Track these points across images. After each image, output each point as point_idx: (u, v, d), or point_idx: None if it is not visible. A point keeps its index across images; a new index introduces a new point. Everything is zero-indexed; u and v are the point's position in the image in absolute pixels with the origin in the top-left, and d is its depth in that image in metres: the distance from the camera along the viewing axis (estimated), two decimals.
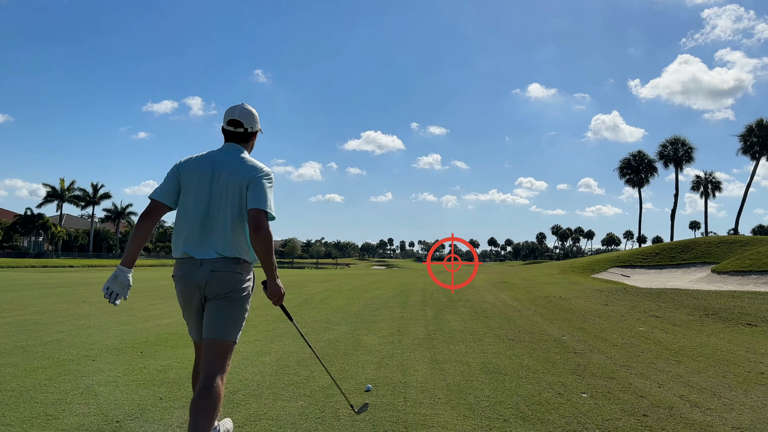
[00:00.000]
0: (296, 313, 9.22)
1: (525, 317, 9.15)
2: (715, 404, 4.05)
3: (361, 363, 5.32)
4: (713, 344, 6.64)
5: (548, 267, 33.23)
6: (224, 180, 2.80)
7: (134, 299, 11.99)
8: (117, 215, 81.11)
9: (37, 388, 4.21)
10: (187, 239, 2.81)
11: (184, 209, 2.85)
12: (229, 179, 2.79)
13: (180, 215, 2.88)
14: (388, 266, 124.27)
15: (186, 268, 2.83)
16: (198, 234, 2.80)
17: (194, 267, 2.79)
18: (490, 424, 3.52)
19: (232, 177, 2.79)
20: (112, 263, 59.95)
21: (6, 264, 44.72)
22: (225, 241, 2.77)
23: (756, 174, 55.06)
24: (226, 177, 2.80)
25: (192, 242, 2.80)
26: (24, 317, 8.55)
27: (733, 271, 18.54)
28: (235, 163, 2.84)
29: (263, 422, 3.51)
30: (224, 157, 2.88)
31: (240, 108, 2.99)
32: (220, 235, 2.77)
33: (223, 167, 2.83)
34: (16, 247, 70.34)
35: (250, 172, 2.80)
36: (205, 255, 2.77)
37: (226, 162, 2.85)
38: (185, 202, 2.85)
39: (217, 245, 2.77)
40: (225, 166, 2.83)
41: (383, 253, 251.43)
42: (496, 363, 5.39)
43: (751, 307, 10.11)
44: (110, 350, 5.83)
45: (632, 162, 61.80)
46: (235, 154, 2.91)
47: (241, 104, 3.01)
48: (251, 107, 3.03)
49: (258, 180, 2.77)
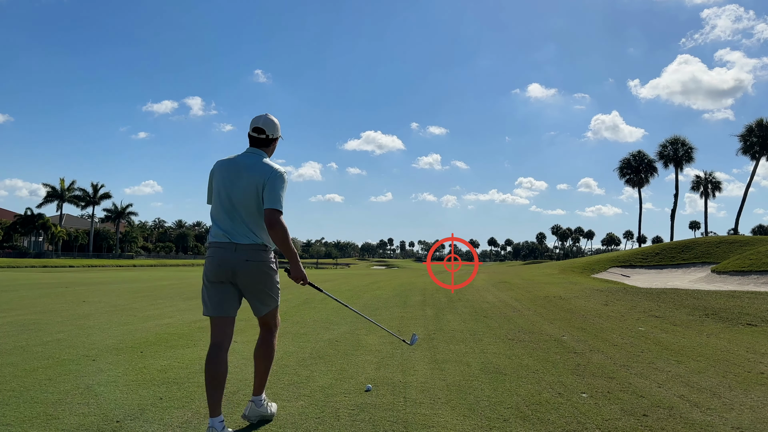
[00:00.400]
0: (296, 313, 9.22)
1: (525, 317, 9.15)
2: (715, 404, 4.05)
3: (361, 363, 5.32)
4: (713, 344, 6.64)
5: (548, 267, 33.24)
6: (245, 180, 3.29)
7: (134, 299, 12.00)
8: (117, 215, 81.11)
9: (37, 388, 4.21)
10: (218, 230, 3.35)
11: (215, 206, 3.41)
12: (249, 179, 3.28)
13: (213, 210, 3.43)
14: (388, 266, 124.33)
15: (221, 251, 3.31)
16: (228, 225, 3.32)
17: (229, 250, 3.29)
18: (490, 424, 3.52)
19: (251, 177, 3.28)
20: (112, 263, 59.95)
21: (6, 264, 44.72)
22: (249, 230, 3.30)
23: (756, 174, 55.04)
24: (246, 177, 3.29)
25: (224, 230, 3.32)
26: (24, 317, 8.55)
27: (733, 271, 18.55)
28: (254, 165, 3.34)
29: (263, 422, 3.51)
30: (247, 160, 3.38)
31: (264, 117, 3.47)
32: (244, 226, 3.30)
33: (244, 169, 3.33)
34: (16, 247, 70.34)
35: (265, 173, 3.28)
36: (238, 240, 3.29)
37: (247, 164, 3.34)
38: (216, 199, 3.40)
39: (245, 234, 3.30)
40: (246, 168, 3.33)
41: (383, 253, 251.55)
42: (496, 363, 5.39)
43: (751, 307, 10.11)
44: (110, 350, 5.83)
45: (632, 162, 61.82)
46: (256, 157, 3.40)
47: (265, 114, 3.49)
48: (273, 117, 3.51)
49: (272, 181, 3.25)
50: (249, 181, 3.27)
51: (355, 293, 14.20)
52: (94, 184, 76.23)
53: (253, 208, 3.28)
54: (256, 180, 3.26)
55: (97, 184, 76.33)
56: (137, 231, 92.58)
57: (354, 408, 3.81)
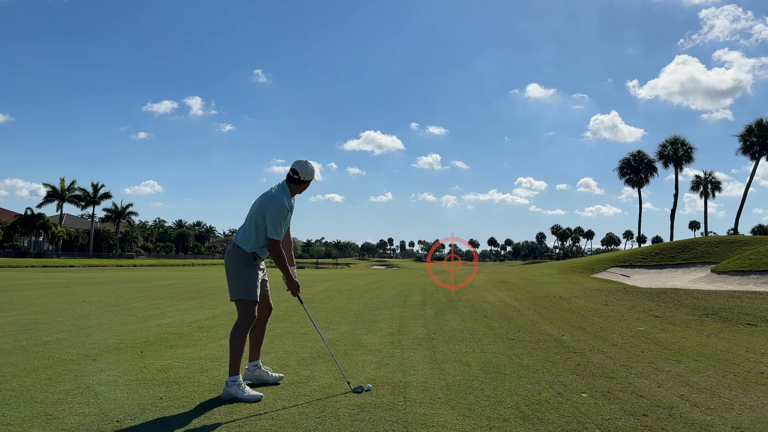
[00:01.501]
0: (296, 312, 9.22)
1: (525, 317, 9.15)
2: (715, 404, 4.05)
3: (361, 363, 5.32)
4: (713, 344, 6.65)
5: (548, 267, 33.23)
6: (255, 204, 4.30)
7: (134, 299, 12.00)
8: (117, 215, 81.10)
9: (38, 388, 4.22)
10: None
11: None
12: (256, 204, 4.28)
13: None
14: (388, 266, 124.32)
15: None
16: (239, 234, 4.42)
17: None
18: (490, 424, 3.52)
19: (257, 203, 4.27)
20: (112, 263, 59.94)
21: (6, 264, 44.73)
22: (239, 237, 4.34)
23: (755, 174, 55.06)
24: (256, 203, 4.30)
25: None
26: (24, 317, 8.56)
27: (733, 271, 18.55)
28: (264, 194, 4.29)
29: (263, 422, 3.51)
30: (268, 190, 4.34)
31: (302, 162, 4.31)
32: (240, 235, 4.35)
33: (260, 196, 4.32)
34: (16, 247, 70.33)
35: (264, 204, 4.20)
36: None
37: (264, 193, 4.32)
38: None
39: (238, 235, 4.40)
40: (260, 196, 4.32)
41: (383, 253, 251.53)
42: (496, 363, 5.40)
43: (751, 306, 10.11)
44: (110, 350, 5.84)
45: (632, 162, 61.79)
46: (275, 189, 4.31)
47: (305, 160, 4.31)
48: (312, 164, 4.33)
49: (268, 214, 4.15)
50: (255, 205, 4.28)
51: (355, 293, 14.21)
52: (95, 183, 76.30)
53: (251, 225, 4.25)
54: (257, 206, 4.24)
55: (98, 184, 76.39)
56: (137, 231, 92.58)
57: (354, 408, 3.81)
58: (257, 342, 4.57)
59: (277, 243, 4.17)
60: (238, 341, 4.14)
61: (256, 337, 4.55)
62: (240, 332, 4.16)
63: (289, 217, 4.33)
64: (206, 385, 4.39)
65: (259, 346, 4.58)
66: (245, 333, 4.19)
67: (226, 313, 9.10)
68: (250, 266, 4.27)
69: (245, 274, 4.24)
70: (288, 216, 4.29)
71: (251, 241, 4.23)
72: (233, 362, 4.11)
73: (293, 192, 4.37)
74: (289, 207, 4.29)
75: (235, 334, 4.16)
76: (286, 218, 4.25)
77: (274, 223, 4.14)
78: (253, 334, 4.54)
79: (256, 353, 4.56)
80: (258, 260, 4.34)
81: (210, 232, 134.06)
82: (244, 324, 4.19)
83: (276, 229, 4.15)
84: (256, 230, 4.22)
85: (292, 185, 4.33)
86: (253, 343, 4.56)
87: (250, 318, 4.22)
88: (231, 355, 4.13)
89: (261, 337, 4.58)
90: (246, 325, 4.20)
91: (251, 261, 4.28)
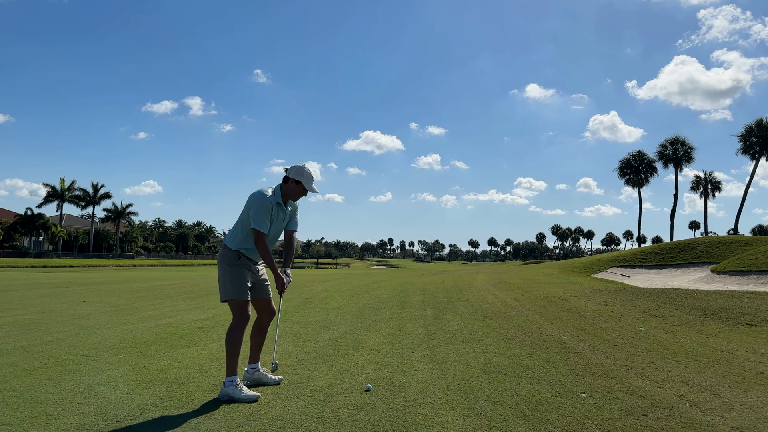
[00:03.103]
0: (296, 312, 9.22)
1: (525, 317, 9.15)
2: (715, 404, 4.05)
3: (361, 363, 5.32)
4: (713, 344, 6.64)
5: (548, 267, 33.21)
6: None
7: (134, 299, 12.00)
8: (117, 215, 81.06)
9: (38, 388, 4.22)
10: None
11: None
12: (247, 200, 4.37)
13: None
14: (387, 266, 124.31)
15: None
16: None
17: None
18: (490, 424, 3.52)
19: (247, 200, 4.34)
20: (112, 263, 59.93)
21: (6, 264, 44.72)
22: (226, 237, 4.44)
23: (755, 174, 55.06)
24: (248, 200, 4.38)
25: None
26: (24, 317, 8.56)
27: (733, 271, 18.54)
28: (253, 192, 4.35)
29: (263, 422, 3.51)
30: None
31: (296, 166, 4.36)
32: (228, 234, 4.46)
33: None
34: (16, 247, 70.32)
35: (249, 199, 4.29)
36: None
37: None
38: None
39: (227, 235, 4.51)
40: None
41: (383, 253, 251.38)
42: (496, 363, 5.40)
43: (751, 307, 10.11)
44: (110, 350, 5.84)
45: (632, 162, 61.76)
46: (265, 187, 4.38)
47: (303, 165, 4.36)
48: (304, 166, 4.35)
49: (252, 208, 4.22)
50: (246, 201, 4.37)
51: (355, 293, 14.20)
52: (95, 184, 76.27)
53: (239, 222, 4.33)
54: (247, 202, 4.31)
55: (97, 184, 76.36)
56: (137, 231, 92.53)
57: (354, 408, 3.81)
58: (257, 345, 4.56)
59: (262, 236, 4.18)
60: (233, 341, 4.14)
61: (256, 339, 4.55)
62: (234, 332, 4.17)
63: (278, 214, 4.31)
64: (206, 386, 4.40)
65: (259, 349, 4.57)
66: (240, 333, 4.19)
67: (226, 313, 9.09)
68: (235, 266, 4.25)
69: (230, 274, 4.24)
70: (273, 211, 4.26)
71: (237, 239, 4.27)
72: (229, 362, 4.12)
73: (284, 191, 4.34)
74: (274, 202, 4.26)
75: (230, 335, 4.17)
76: (269, 212, 4.22)
77: (256, 215, 4.17)
78: (254, 337, 4.55)
79: (256, 356, 4.55)
80: (244, 259, 4.30)
81: (210, 232, 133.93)
82: (238, 324, 4.19)
83: (258, 221, 4.16)
84: (242, 227, 4.27)
85: (282, 185, 4.37)
86: (254, 345, 4.56)
87: (243, 318, 4.20)
88: (227, 355, 4.15)
89: (262, 340, 4.57)
90: (240, 325, 4.19)
91: (236, 260, 4.27)
